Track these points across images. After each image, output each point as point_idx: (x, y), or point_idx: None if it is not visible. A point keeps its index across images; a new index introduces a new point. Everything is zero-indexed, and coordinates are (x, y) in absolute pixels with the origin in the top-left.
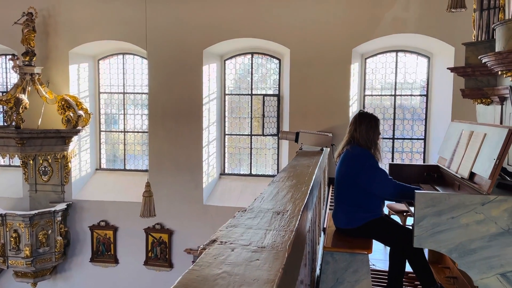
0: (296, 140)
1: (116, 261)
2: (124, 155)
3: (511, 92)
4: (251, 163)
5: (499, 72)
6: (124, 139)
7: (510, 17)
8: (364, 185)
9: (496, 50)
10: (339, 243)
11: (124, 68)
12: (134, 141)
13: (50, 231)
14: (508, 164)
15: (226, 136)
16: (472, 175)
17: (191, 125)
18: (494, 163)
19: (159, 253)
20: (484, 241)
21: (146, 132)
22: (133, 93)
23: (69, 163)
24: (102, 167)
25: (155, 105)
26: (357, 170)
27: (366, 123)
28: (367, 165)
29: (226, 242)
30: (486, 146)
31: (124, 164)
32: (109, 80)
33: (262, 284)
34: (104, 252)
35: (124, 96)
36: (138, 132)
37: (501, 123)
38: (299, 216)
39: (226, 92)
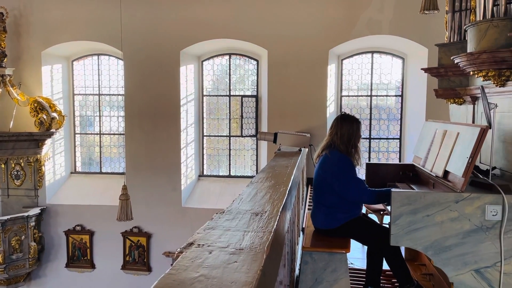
0: (275, 141)
1: (92, 266)
2: (100, 157)
3: (483, 92)
4: (230, 164)
5: (471, 73)
6: (100, 141)
7: (481, 19)
8: (339, 192)
9: (468, 51)
10: (317, 243)
11: (99, 69)
12: (110, 144)
13: (23, 237)
14: (480, 162)
15: (205, 137)
16: (446, 173)
17: (168, 127)
18: (467, 162)
19: (137, 256)
20: (458, 238)
21: (123, 134)
22: (109, 94)
23: (43, 167)
24: (77, 170)
25: (131, 107)
26: (334, 177)
27: (348, 127)
28: (343, 174)
29: (203, 244)
30: (459, 145)
31: (100, 167)
32: (84, 82)
33: (240, 287)
34: (80, 257)
35: (99, 97)
36: (114, 134)
37: (473, 122)
38: (278, 217)
39: (204, 93)
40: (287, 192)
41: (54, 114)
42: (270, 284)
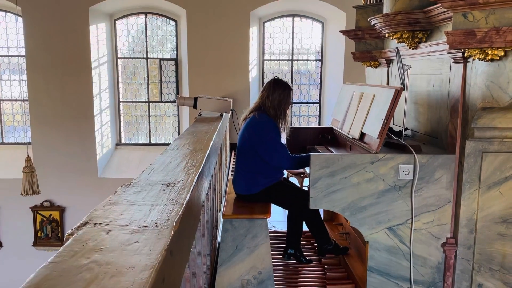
0: (195, 106)
1: None
2: (1, 126)
3: (398, 53)
4: (149, 131)
5: (387, 35)
6: (0, 108)
7: None
8: (263, 156)
9: (384, 12)
10: (238, 209)
11: None
12: (12, 111)
13: None
14: (393, 124)
15: (121, 103)
16: (362, 135)
17: (79, 92)
18: (382, 123)
19: (50, 232)
20: (373, 198)
21: (27, 100)
22: (7, 56)
23: None
24: None
25: (35, 70)
26: (259, 139)
27: (280, 91)
28: (269, 137)
29: (100, 223)
30: (375, 107)
31: (2, 137)
32: None
33: (138, 272)
34: None
35: None
36: (16, 100)
37: (387, 84)
38: (192, 187)
39: (119, 56)
40: (204, 159)
41: None
42: (181, 263)
